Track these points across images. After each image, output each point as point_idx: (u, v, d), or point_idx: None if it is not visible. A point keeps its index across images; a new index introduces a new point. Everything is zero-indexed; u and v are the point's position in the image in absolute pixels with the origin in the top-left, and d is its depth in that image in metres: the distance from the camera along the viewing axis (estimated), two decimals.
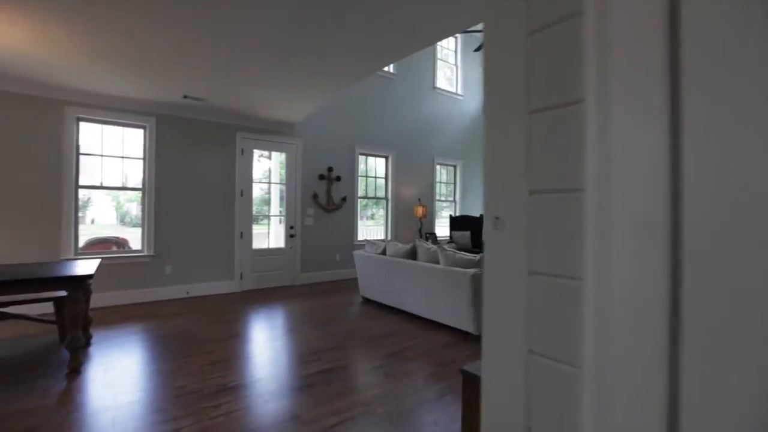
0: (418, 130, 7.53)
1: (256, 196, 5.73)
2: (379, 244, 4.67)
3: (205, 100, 4.40)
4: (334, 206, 6.29)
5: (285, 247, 5.82)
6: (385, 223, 7.23)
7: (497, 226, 0.63)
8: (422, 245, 4.05)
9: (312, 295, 5.18)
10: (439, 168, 8.13)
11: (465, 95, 8.43)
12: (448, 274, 3.53)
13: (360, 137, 6.66)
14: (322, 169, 6.19)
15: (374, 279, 4.62)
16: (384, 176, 7.21)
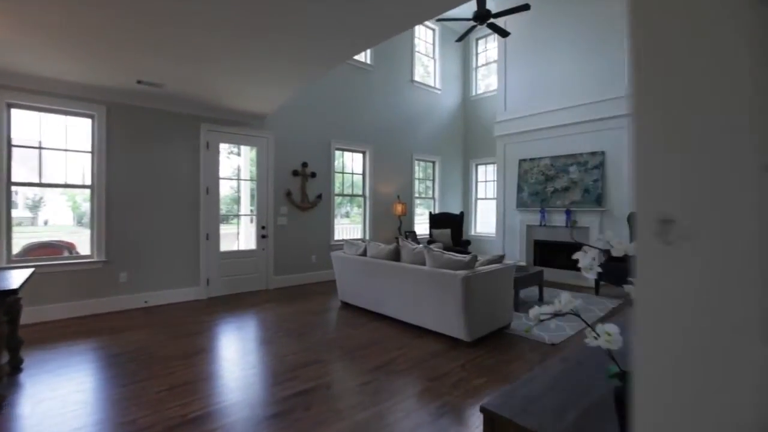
0: (396, 125, 7.26)
1: (225, 194, 5.27)
2: (359, 245, 4.36)
3: (163, 86, 3.93)
4: (309, 204, 5.92)
5: (257, 249, 5.40)
6: (363, 222, 6.92)
7: (670, 235, 0.34)
8: (406, 245, 3.78)
9: (287, 300, 4.80)
10: (418, 164, 7.90)
11: (443, 89, 8.23)
12: (436, 277, 3.28)
13: (336, 131, 6.31)
14: (296, 164, 5.80)
15: (354, 282, 4.31)
16: (361, 172, 6.89)
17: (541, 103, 6.62)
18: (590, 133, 6.01)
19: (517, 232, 6.90)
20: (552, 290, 5.38)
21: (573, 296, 1.04)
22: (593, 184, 5.89)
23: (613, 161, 5.76)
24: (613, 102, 5.72)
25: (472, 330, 3.15)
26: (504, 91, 7.22)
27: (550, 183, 6.41)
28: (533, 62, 6.76)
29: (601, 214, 5.83)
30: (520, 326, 3.71)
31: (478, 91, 8.59)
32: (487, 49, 8.53)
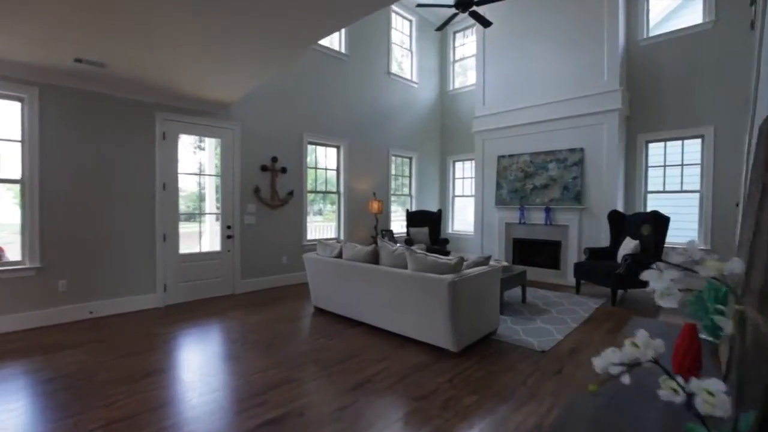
0: (372, 119, 6.93)
1: (191, 190, 4.78)
2: (334, 246, 4.02)
3: (107, 66, 3.42)
4: (280, 202, 5.51)
5: (221, 251, 4.95)
6: (337, 220, 6.57)
7: None
8: (385, 246, 3.49)
9: (255, 307, 4.40)
10: (395, 160, 7.62)
11: (420, 83, 7.97)
12: (420, 282, 3.01)
13: (308, 124, 5.92)
14: (265, 158, 5.37)
15: (329, 287, 3.97)
16: (335, 168, 6.54)
17: (520, 98, 6.49)
18: (569, 130, 5.93)
19: (496, 230, 6.76)
20: (533, 290, 5.25)
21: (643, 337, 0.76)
22: (572, 181, 5.81)
23: (591, 158, 5.70)
24: (592, 98, 5.65)
25: (459, 339, 2.90)
26: (482, 85, 7.05)
27: (530, 180, 6.30)
28: (512, 57, 6.62)
29: (580, 212, 5.76)
30: (506, 331, 3.50)
31: (455, 85, 8.40)
32: (465, 43, 8.34)
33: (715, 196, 5.27)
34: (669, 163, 5.74)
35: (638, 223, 4.85)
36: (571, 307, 4.39)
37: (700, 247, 5.54)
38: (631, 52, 5.94)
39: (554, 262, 6.12)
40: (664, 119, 5.69)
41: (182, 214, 4.68)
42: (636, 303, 4.59)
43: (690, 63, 5.46)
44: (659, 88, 5.72)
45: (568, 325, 3.73)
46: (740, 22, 5.09)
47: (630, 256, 4.41)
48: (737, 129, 5.11)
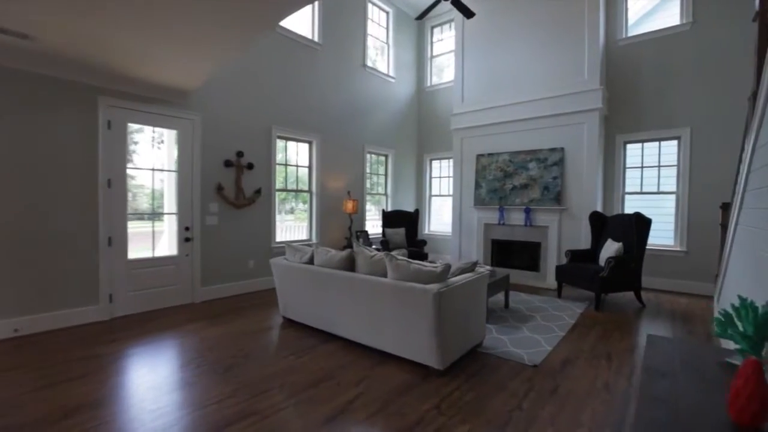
0: (346, 113, 6.56)
1: (148, 188, 4.24)
2: (305, 251, 3.64)
3: (33, 39, 2.89)
4: (246, 201, 5.05)
5: (179, 255, 4.44)
6: (309, 221, 6.16)
7: None
8: (362, 252, 3.15)
9: (217, 318, 3.95)
10: (370, 158, 7.28)
11: (397, 78, 7.67)
12: (401, 292, 2.69)
13: (278, 116, 5.47)
14: (229, 153, 4.90)
15: (299, 296, 3.59)
16: (308, 165, 6.12)
17: (499, 95, 6.31)
18: (550, 129, 5.79)
19: (474, 230, 6.57)
20: (515, 294, 5.07)
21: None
22: (553, 181, 5.68)
23: (572, 158, 5.58)
24: (572, 97, 5.53)
25: (445, 355, 2.61)
26: (461, 82, 6.83)
27: (509, 180, 6.13)
28: (492, 53, 6.42)
29: (560, 213, 5.64)
30: (493, 343, 3.25)
31: (432, 82, 8.16)
32: (443, 39, 8.11)
33: (691, 197, 5.27)
34: (646, 164, 5.71)
35: (620, 224, 4.75)
36: (556, 312, 4.21)
37: (676, 248, 5.56)
38: (609, 51, 5.88)
39: (534, 263, 5.99)
40: (641, 120, 5.65)
41: (132, 215, 4.15)
42: (618, 307, 4.48)
43: (667, 64, 5.44)
44: (637, 88, 5.68)
45: (555, 333, 3.53)
46: (717, 25, 5.09)
47: (613, 259, 4.29)
48: (713, 131, 5.12)
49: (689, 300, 4.86)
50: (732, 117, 4.97)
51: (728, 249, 3.15)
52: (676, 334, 3.56)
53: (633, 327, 3.77)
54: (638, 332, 3.61)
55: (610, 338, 3.43)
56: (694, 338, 3.43)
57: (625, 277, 4.40)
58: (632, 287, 4.49)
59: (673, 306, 4.56)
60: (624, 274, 4.38)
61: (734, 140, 4.96)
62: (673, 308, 4.46)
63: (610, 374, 2.69)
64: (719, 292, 3.58)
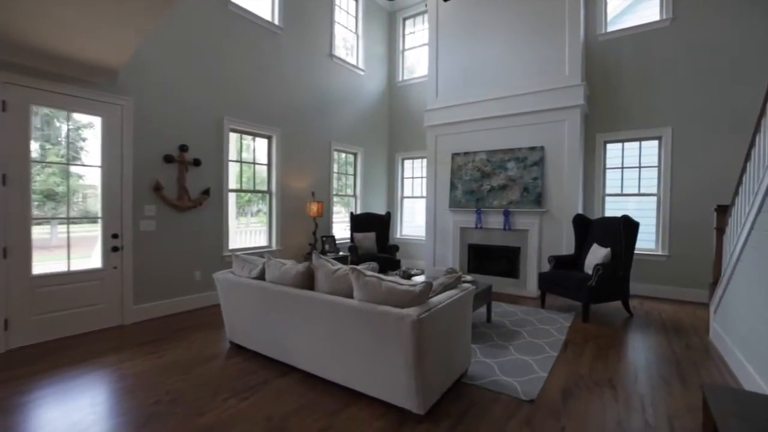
0: (311, 106, 5.96)
1: (66, 187, 3.45)
2: (255, 263, 3.02)
3: None
4: (191, 202, 4.34)
5: (104, 268, 3.69)
6: (268, 225, 5.50)
7: None
8: (324, 265, 2.58)
9: (148, 345, 3.25)
10: (338, 156, 6.70)
11: (367, 71, 7.14)
12: (372, 318, 2.15)
13: (231, 106, 4.80)
14: (170, 146, 4.18)
15: (248, 318, 2.97)
16: (266, 162, 5.46)
17: (476, 91, 5.92)
18: (529, 126, 5.45)
19: (450, 235, 6.14)
20: (496, 304, 4.65)
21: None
22: (533, 182, 5.34)
23: (552, 158, 5.26)
24: (553, 93, 5.21)
25: (426, 396, 2.10)
26: (435, 76, 6.40)
27: (487, 180, 5.74)
28: (468, 45, 6.03)
29: (540, 216, 5.30)
30: (479, 369, 2.77)
31: (404, 76, 7.69)
32: (415, 31, 7.67)
33: (673, 199, 5.07)
34: (627, 164, 5.49)
35: (606, 228, 4.44)
36: (542, 326, 3.81)
37: (657, 252, 5.35)
38: (588, 47, 5.62)
39: (513, 270, 5.62)
40: (622, 119, 5.42)
41: (37, 220, 3.36)
42: (605, 317, 4.15)
43: (648, 61, 5.23)
44: (617, 86, 5.45)
45: (546, 353, 3.10)
46: (698, 21, 4.92)
47: (601, 266, 3.94)
48: (695, 130, 4.94)
49: (674, 307, 4.62)
50: (714, 116, 4.80)
51: (734, 256, 2.83)
52: (675, 349, 3.23)
53: (627, 343, 3.41)
54: (635, 349, 3.26)
55: (607, 358, 3.05)
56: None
57: (613, 286, 4.07)
58: (621, 296, 4.17)
59: (660, 315, 4.29)
60: (612, 282, 4.05)
61: (717, 140, 4.79)
62: (662, 318, 4.18)
63: (620, 408, 2.27)
64: (718, 301, 3.29)
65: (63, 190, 3.52)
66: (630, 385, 2.57)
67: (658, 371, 2.80)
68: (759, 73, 4.53)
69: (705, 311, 4.42)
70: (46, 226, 3.46)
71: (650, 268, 5.16)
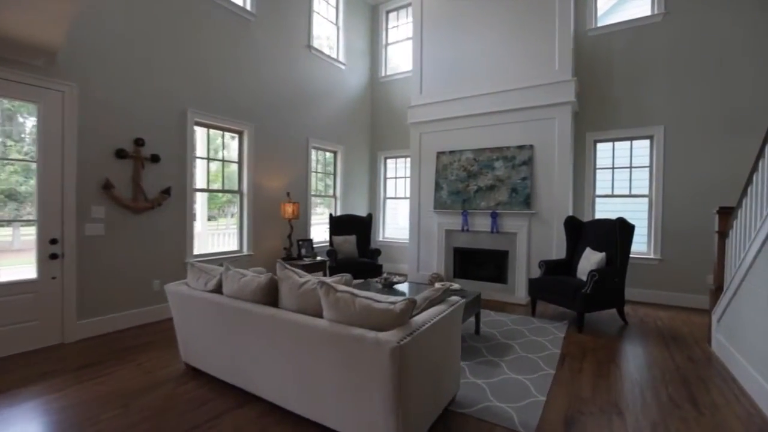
0: (287, 101, 5.55)
1: None
2: (211, 273, 2.62)
3: None
4: (149, 203, 3.88)
5: (40, 279, 3.20)
6: (239, 228, 5.06)
7: None
8: (289, 277, 2.20)
9: (90, 369, 2.79)
10: (316, 154, 6.31)
11: (348, 65, 6.77)
12: (343, 343, 1.79)
13: (197, 98, 4.35)
14: (124, 140, 3.72)
15: (204, 337, 2.56)
16: (237, 160, 5.03)
17: (462, 86, 5.62)
18: (518, 124, 5.18)
19: (435, 237, 5.82)
20: (484, 312, 4.35)
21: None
22: (521, 182, 5.07)
23: (542, 157, 5.00)
24: (543, 89, 4.96)
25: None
26: (420, 71, 6.08)
27: (473, 180, 5.45)
28: (454, 38, 5.74)
29: (529, 218, 5.03)
30: (469, 393, 2.44)
31: (387, 72, 7.35)
32: (398, 25, 7.34)
33: (665, 201, 4.88)
34: (617, 165, 5.28)
35: (600, 231, 4.19)
36: (535, 338, 3.52)
37: (649, 256, 5.16)
38: (578, 43, 5.40)
39: (501, 275, 5.34)
40: (612, 117, 5.21)
41: None
42: (599, 325, 3.90)
43: (639, 57, 5.04)
44: (608, 83, 5.24)
45: (542, 371, 2.80)
46: (691, 16, 4.74)
47: (597, 272, 3.68)
48: (688, 129, 4.76)
49: (668, 313, 4.41)
50: (708, 115, 4.62)
51: (744, 263, 2.58)
52: (678, 362, 2.98)
53: (627, 356, 3.15)
54: (636, 364, 2.99)
55: (609, 376, 2.76)
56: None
57: (609, 293, 3.82)
58: (616, 304, 3.92)
59: (656, 323, 4.06)
60: (608, 289, 3.80)
61: (711, 140, 4.61)
62: (658, 326, 3.95)
63: None
64: (723, 310, 3.05)
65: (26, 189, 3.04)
66: (639, 410, 2.28)
67: (665, 391, 2.53)
68: (756, 71, 4.38)
69: (701, 317, 4.22)
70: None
71: (642, 272, 4.96)
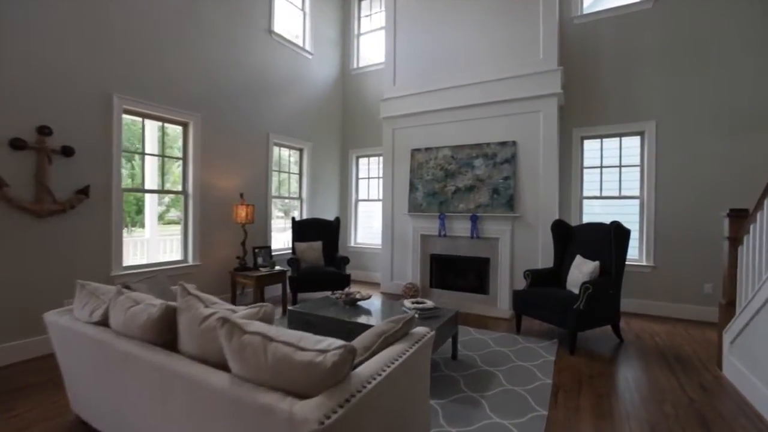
0: (243, 90, 4.90)
1: None
2: (102, 298, 1.97)
3: None
4: (58, 205, 3.17)
5: None
6: (183, 234, 4.38)
7: None
8: (191, 307, 1.57)
9: None
10: (279, 151, 5.67)
11: (316, 54, 6.17)
12: (246, 415, 1.18)
13: (126, 80, 3.67)
14: (22, 127, 3.00)
15: (91, 382, 1.90)
16: (182, 156, 4.35)
17: (439, 77, 5.12)
18: (500, 118, 4.70)
19: (410, 243, 5.27)
20: (463, 329, 3.80)
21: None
22: (504, 182, 4.58)
23: (526, 154, 4.53)
24: (526, 79, 4.49)
25: None
26: (393, 60, 5.55)
27: (451, 180, 4.94)
28: (430, 26, 5.23)
29: (513, 221, 4.55)
30: None
31: (359, 63, 6.79)
32: (372, 13, 6.80)
33: (658, 202, 4.47)
34: (606, 164, 4.86)
35: (591, 237, 3.72)
36: (522, 363, 2.99)
37: (642, 263, 4.74)
38: (564, 31, 4.97)
39: (482, 284, 4.83)
40: (601, 112, 4.79)
41: None
42: (592, 344, 3.41)
43: (628, 47, 4.64)
44: (595, 75, 4.82)
45: (533, 411, 2.26)
46: (682, 3, 4.37)
47: (590, 284, 3.19)
48: (682, 125, 4.37)
49: (664, 327, 3.99)
50: (704, 110, 4.25)
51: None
52: (690, 393, 2.50)
53: (631, 386, 2.65)
54: (643, 397, 2.49)
55: (612, 415, 2.25)
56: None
57: (603, 307, 3.34)
58: (611, 320, 3.45)
59: (654, 339, 3.61)
60: (602, 302, 3.32)
61: (707, 137, 4.22)
62: (657, 344, 3.50)
63: None
64: (739, 331, 2.60)
65: None
66: None
67: None
68: (755, 62, 4.02)
69: (700, 332, 3.81)
70: None
71: (634, 280, 4.53)
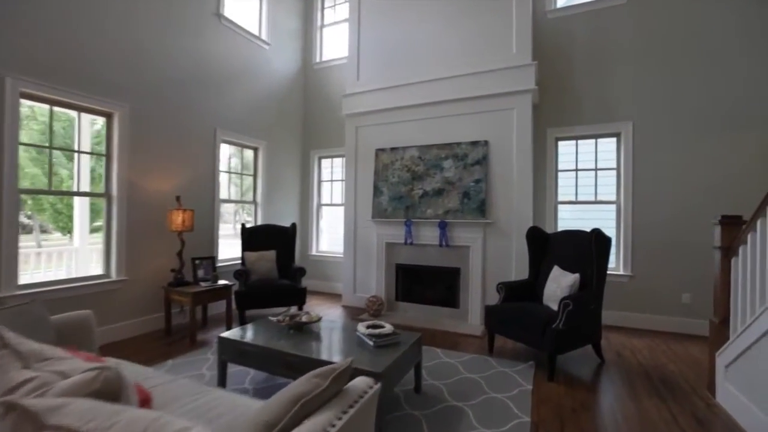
0: (185, 78, 4.30)
1: None
2: None
3: None
4: None
5: None
6: (106, 244, 3.72)
7: None
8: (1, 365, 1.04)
9: None
10: (229, 149, 5.08)
11: (274, 45, 5.64)
12: None
13: (28, 60, 3.02)
14: None
15: None
16: (104, 152, 3.71)
17: (406, 72, 4.71)
18: (471, 116, 4.34)
19: (374, 252, 4.81)
20: (429, 350, 3.35)
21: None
22: (475, 185, 4.21)
23: (499, 155, 4.19)
24: (499, 74, 4.16)
25: None
26: (357, 54, 5.11)
27: (418, 183, 4.52)
28: (397, 18, 4.83)
29: (484, 228, 4.18)
30: None
31: (323, 57, 6.30)
32: (336, 4, 6.35)
33: (635, 208, 4.23)
34: (581, 167, 4.60)
35: (569, 246, 3.38)
36: (495, 394, 2.57)
37: (618, 272, 4.47)
38: (537, 26, 4.69)
39: (451, 297, 4.42)
40: (575, 112, 4.53)
41: None
42: (571, 366, 3.05)
43: (604, 44, 4.40)
44: (570, 72, 4.55)
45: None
46: None
47: (570, 300, 2.83)
48: (659, 126, 4.15)
49: (644, 341, 3.70)
50: (683, 110, 4.04)
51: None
52: (683, 426, 2.16)
53: (618, 420, 2.28)
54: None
55: None
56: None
57: (584, 324, 2.99)
58: (592, 339, 3.10)
59: (636, 357, 3.30)
60: (584, 320, 2.96)
61: (687, 138, 4.01)
62: (639, 362, 3.19)
63: None
64: (736, 356, 2.28)
65: None
66: None
67: None
68: (738, 59, 3.84)
69: (681, 347, 3.54)
70: None
71: (610, 291, 4.24)
